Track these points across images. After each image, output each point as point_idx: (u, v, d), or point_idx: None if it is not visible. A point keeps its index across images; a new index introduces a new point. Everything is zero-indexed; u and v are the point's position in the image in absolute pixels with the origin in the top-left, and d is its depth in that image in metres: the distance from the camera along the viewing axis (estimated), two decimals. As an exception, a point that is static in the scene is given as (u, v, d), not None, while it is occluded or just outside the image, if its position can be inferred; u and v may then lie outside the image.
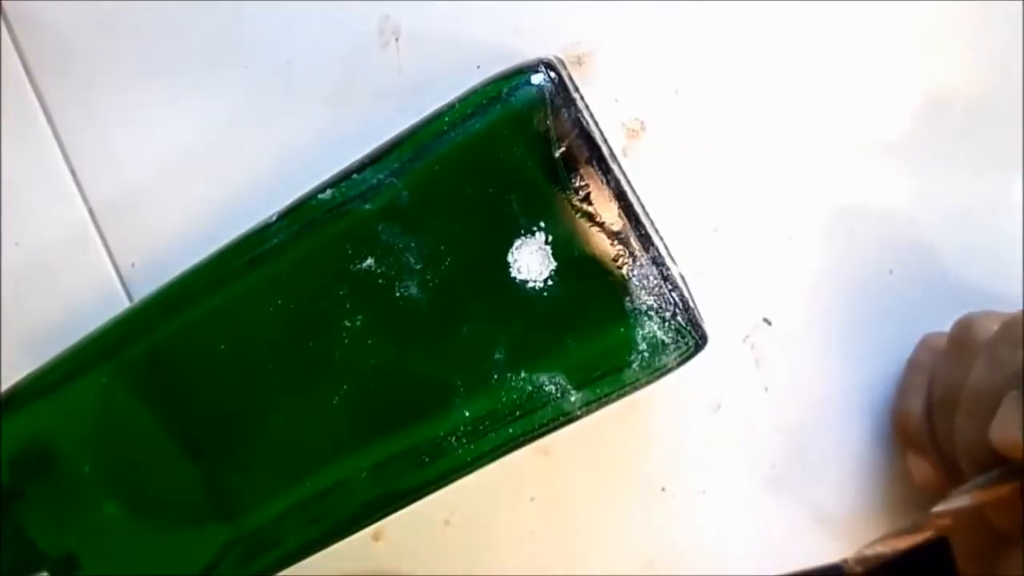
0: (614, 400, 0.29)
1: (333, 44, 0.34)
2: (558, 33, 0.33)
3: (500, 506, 0.35)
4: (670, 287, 0.28)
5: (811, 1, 0.32)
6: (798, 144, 0.33)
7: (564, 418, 0.29)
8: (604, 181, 0.28)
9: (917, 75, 0.33)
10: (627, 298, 0.28)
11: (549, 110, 0.28)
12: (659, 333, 0.28)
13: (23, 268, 0.36)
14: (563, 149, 0.28)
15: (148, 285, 0.31)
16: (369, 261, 0.29)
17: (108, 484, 0.31)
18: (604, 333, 0.28)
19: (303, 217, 0.29)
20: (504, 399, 0.29)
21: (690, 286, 0.29)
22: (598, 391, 0.29)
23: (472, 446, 0.29)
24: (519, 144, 0.28)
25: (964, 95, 0.33)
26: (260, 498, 0.30)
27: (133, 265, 0.35)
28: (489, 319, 0.29)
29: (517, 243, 0.28)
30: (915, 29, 0.33)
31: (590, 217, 0.28)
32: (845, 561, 0.28)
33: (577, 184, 0.28)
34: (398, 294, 0.29)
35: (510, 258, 0.28)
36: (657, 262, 0.28)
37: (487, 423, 0.29)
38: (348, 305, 0.29)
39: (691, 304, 0.28)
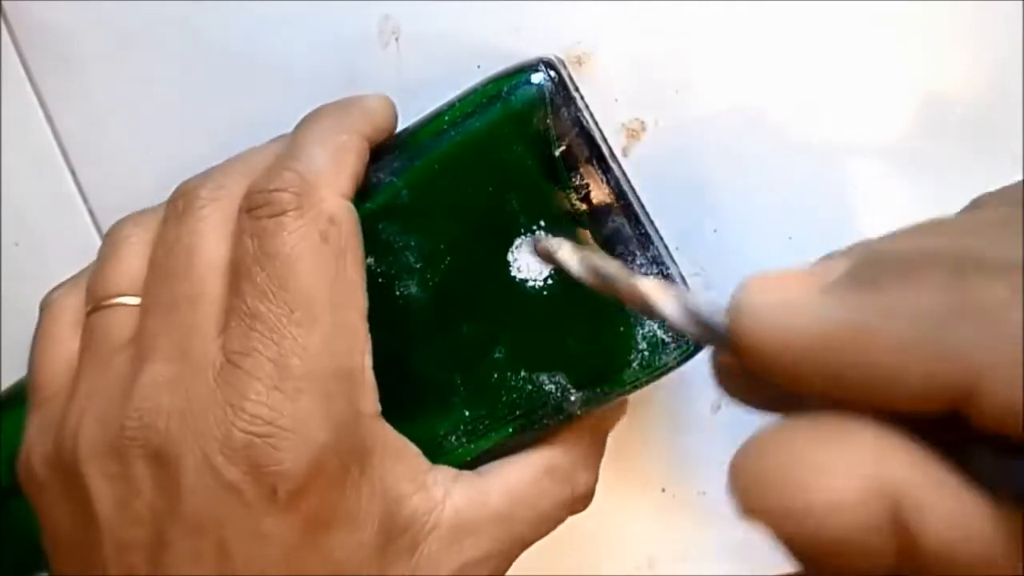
0: (614, 400, 0.29)
1: (333, 44, 0.34)
2: (558, 33, 0.33)
3: (500, 506, 0.35)
4: (670, 286, 0.28)
5: (812, 1, 0.32)
6: (798, 144, 0.33)
7: (564, 418, 0.29)
8: (604, 181, 0.28)
9: (917, 76, 0.33)
10: (627, 297, 0.28)
11: (549, 109, 0.28)
12: (659, 332, 0.28)
13: (23, 268, 0.36)
14: (563, 148, 0.28)
15: (148, 285, 0.31)
16: (369, 260, 0.29)
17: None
18: (604, 332, 0.28)
19: (303, 216, 0.29)
20: (504, 399, 0.29)
21: (690, 286, 0.29)
22: (598, 391, 0.29)
23: (472, 446, 0.29)
24: (519, 143, 0.28)
25: (964, 96, 0.33)
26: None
27: (133, 265, 0.35)
28: (489, 319, 0.29)
29: (517, 242, 0.28)
30: (916, 30, 0.33)
31: (590, 216, 0.28)
32: None
33: (577, 183, 0.28)
34: (398, 293, 0.29)
35: (510, 257, 0.28)
36: (657, 262, 0.28)
37: (487, 423, 0.29)
38: (348, 304, 0.29)
39: (691, 303, 0.28)
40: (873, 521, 0.14)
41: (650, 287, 0.20)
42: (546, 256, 0.23)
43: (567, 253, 0.22)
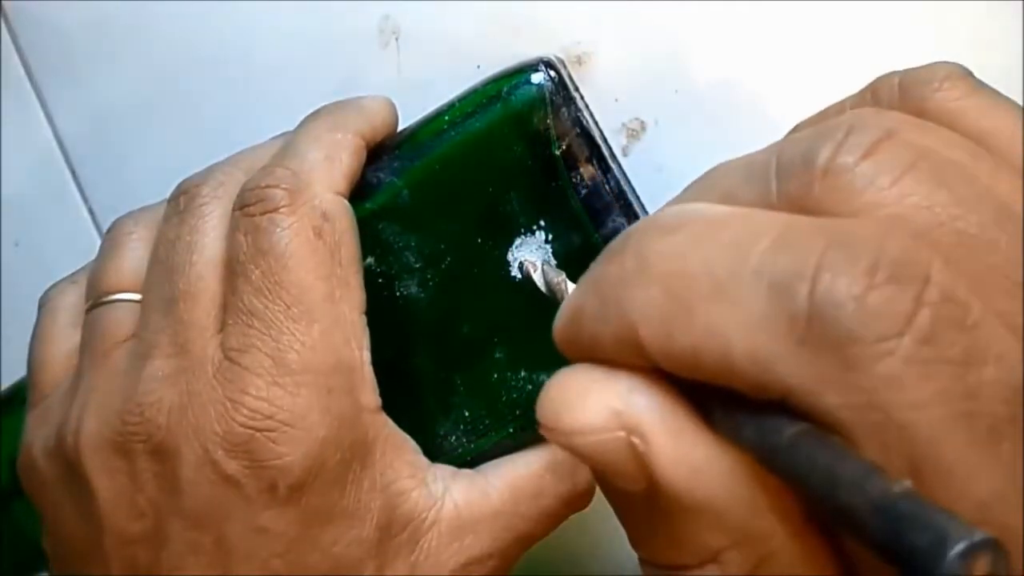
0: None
1: (333, 44, 0.34)
2: (558, 33, 0.33)
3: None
4: (670, 286, 0.28)
5: (812, 1, 0.32)
6: (798, 144, 0.33)
7: (564, 418, 0.29)
8: (604, 180, 0.28)
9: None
10: (627, 297, 0.28)
11: (549, 109, 0.28)
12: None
13: (23, 268, 0.36)
14: (563, 148, 0.28)
15: (148, 285, 0.31)
16: (369, 260, 0.29)
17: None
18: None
19: (303, 216, 0.29)
20: (504, 399, 0.29)
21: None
22: (598, 390, 0.28)
23: (472, 446, 0.29)
24: (519, 143, 0.28)
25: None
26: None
27: (133, 265, 0.35)
28: (489, 318, 0.29)
29: (517, 242, 0.28)
30: (916, 30, 0.33)
31: (590, 216, 0.28)
32: None
33: (577, 183, 0.28)
34: (398, 293, 0.29)
35: (510, 257, 0.28)
36: (657, 262, 0.28)
37: (487, 423, 0.29)
38: (348, 304, 0.29)
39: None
40: (612, 445, 0.17)
41: None
42: (526, 276, 0.28)
43: (538, 275, 0.27)
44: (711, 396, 0.16)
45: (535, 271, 0.28)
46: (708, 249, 0.16)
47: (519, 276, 0.28)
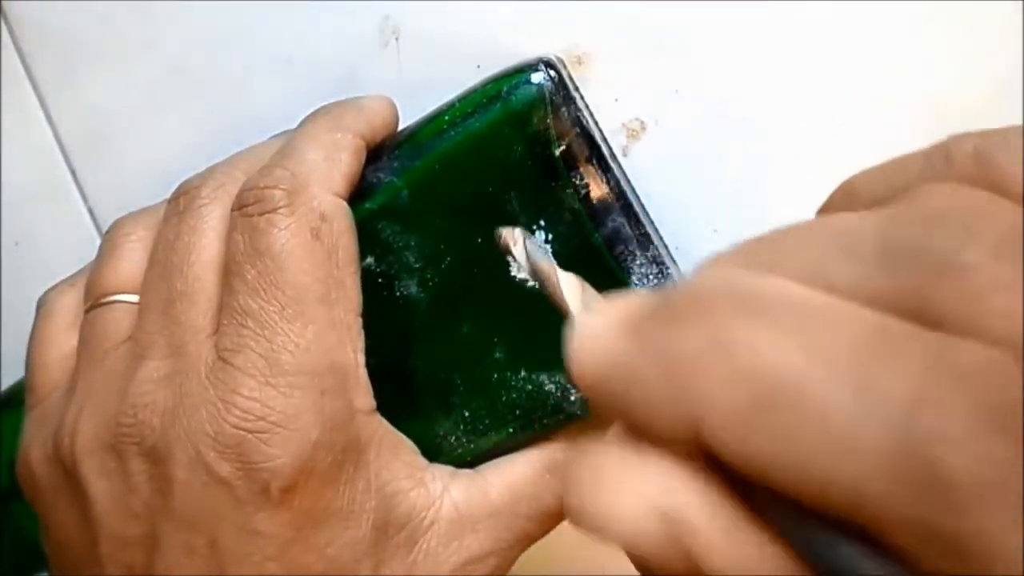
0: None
1: (333, 44, 0.34)
2: (558, 33, 0.33)
3: (500, 506, 0.35)
4: (670, 287, 0.28)
5: (812, 1, 0.32)
6: (798, 145, 0.33)
7: (564, 418, 0.29)
8: (604, 180, 0.28)
9: (918, 76, 0.33)
10: (627, 297, 0.28)
11: (549, 109, 0.28)
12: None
13: (23, 268, 0.36)
14: (563, 148, 0.28)
15: (148, 285, 0.31)
16: (369, 260, 0.29)
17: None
18: (604, 332, 0.28)
19: (303, 216, 0.29)
20: (504, 399, 0.29)
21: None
22: (598, 391, 0.28)
23: (472, 446, 0.29)
24: (519, 143, 0.28)
25: (964, 97, 0.33)
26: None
27: (133, 265, 0.35)
28: (489, 319, 0.29)
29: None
30: (916, 30, 0.33)
31: (590, 216, 0.28)
32: None
33: (577, 183, 0.28)
34: (398, 293, 0.29)
35: (510, 257, 0.28)
36: (657, 262, 0.28)
37: (487, 423, 0.29)
38: (348, 304, 0.29)
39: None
40: (652, 539, 0.15)
41: (568, 295, 0.21)
42: (505, 249, 0.24)
43: (519, 249, 0.23)
44: (761, 490, 0.15)
45: (515, 245, 0.24)
46: (801, 352, 0.14)
47: (518, 276, 0.28)
